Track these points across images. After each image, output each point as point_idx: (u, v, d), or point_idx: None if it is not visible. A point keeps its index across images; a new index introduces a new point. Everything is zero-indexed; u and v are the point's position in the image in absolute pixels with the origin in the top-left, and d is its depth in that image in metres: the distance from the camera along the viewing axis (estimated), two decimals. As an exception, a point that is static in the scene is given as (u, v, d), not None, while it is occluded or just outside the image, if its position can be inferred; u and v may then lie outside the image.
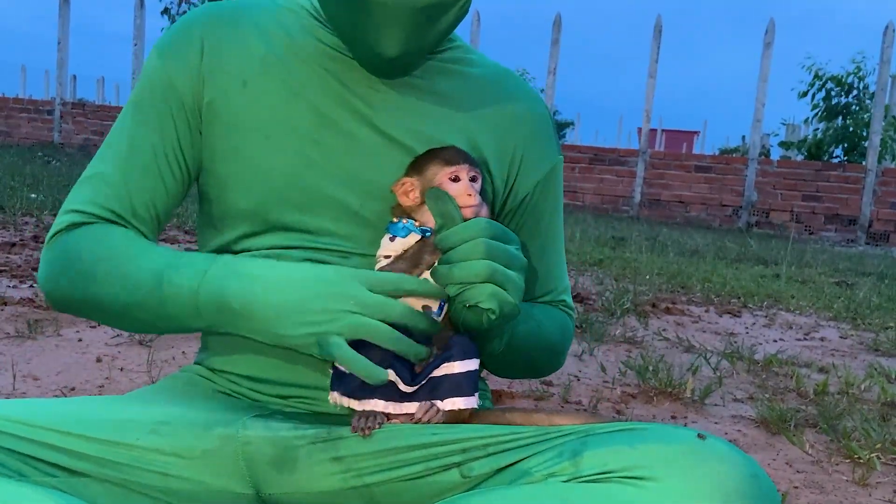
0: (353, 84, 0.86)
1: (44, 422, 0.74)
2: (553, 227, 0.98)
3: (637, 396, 1.97)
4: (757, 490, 0.63)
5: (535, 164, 0.94)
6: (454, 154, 0.81)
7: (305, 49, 0.87)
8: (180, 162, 0.88)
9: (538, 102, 0.97)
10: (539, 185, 0.95)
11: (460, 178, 0.80)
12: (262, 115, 0.85)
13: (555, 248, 1.00)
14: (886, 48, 8.79)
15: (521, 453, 0.71)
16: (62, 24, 11.36)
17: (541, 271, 0.97)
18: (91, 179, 0.88)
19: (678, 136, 21.42)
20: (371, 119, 0.86)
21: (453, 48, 0.94)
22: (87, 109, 12.31)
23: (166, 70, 0.87)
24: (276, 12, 0.90)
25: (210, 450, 0.77)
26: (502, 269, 0.74)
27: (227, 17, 0.90)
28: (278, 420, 0.80)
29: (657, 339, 2.70)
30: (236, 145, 0.86)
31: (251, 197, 0.85)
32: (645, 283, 3.87)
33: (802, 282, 4.58)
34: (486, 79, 0.94)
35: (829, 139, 10.26)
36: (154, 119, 0.87)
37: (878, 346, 2.90)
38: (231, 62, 0.87)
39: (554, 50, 9.78)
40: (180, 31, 0.89)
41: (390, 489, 0.75)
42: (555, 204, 0.98)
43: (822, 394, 2.11)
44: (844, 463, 1.60)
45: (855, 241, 8.80)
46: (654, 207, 9.67)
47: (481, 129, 0.90)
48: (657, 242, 6.13)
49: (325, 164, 0.85)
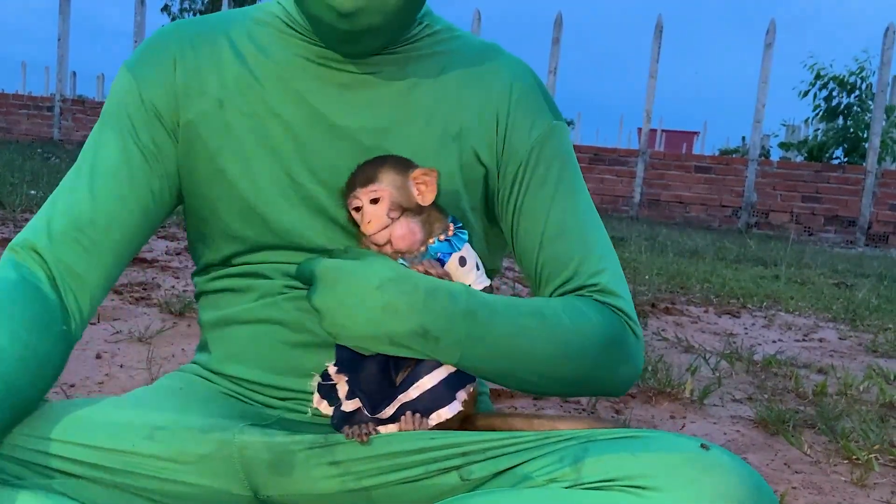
0: (329, 97, 0.84)
1: (41, 430, 0.74)
2: (566, 198, 0.86)
3: (636, 396, 1.97)
4: (760, 502, 0.63)
5: (525, 131, 0.86)
6: (354, 177, 0.78)
7: (280, 65, 0.84)
8: (154, 168, 0.84)
9: (523, 70, 0.89)
10: (534, 151, 0.86)
11: (360, 206, 0.77)
12: (241, 137, 0.84)
13: (576, 222, 0.86)
14: (886, 50, 8.78)
15: (521, 457, 0.70)
16: (62, 21, 11.34)
17: (560, 252, 0.85)
18: (57, 195, 0.84)
19: (678, 137, 21.43)
20: (350, 133, 0.83)
21: (432, 34, 0.88)
22: (87, 106, 12.29)
23: (136, 85, 0.84)
24: (250, 27, 0.87)
25: (207, 454, 0.76)
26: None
27: (199, 34, 0.87)
28: (276, 427, 0.80)
29: (656, 339, 2.70)
30: (219, 168, 0.84)
31: (240, 219, 0.85)
32: (644, 284, 3.87)
33: (801, 283, 4.58)
34: (466, 53, 0.89)
35: (830, 141, 10.26)
36: (123, 127, 0.84)
37: (877, 347, 2.90)
38: (207, 82, 0.84)
39: (555, 49, 9.78)
40: (151, 47, 0.86)
41: (389, 492, 0.75)
42: (562, 171, 0.87)
43: (821, 395, 2.11)
44: (843, 464, 1.61)
45: (854, 242, 8.80)
46: (653, 207, 9.67)
47: (463, 109, 0.86)
48: (657, 242, 6.13)
49: (307, 184, 0.83)
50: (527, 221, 0.86)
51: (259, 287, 0.85)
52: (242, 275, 0.87)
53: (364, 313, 0.71)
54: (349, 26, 0.77)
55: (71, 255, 0.81)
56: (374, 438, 0.76)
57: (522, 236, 0.87)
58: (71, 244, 0.81)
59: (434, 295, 0.72)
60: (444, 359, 0.75)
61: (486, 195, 0.88)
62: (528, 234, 0.86)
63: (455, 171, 0.85)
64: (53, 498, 0.66)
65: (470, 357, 0.74)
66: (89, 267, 0.81)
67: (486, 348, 0.75)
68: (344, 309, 0.71)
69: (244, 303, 0.86)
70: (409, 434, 0.75)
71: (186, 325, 2.25)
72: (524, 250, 0.87)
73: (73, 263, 0.81)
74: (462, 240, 0.80)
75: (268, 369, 0.85)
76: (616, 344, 0.81)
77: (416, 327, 0.71)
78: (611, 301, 0.83)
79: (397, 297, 0.71)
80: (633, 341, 0.83)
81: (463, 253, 0.79)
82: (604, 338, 0.80)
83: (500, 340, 0.75)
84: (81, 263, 0.81)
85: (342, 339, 0.73)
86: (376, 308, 0.71)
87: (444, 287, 0.74)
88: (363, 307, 0.71)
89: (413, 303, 0.71)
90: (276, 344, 0.84)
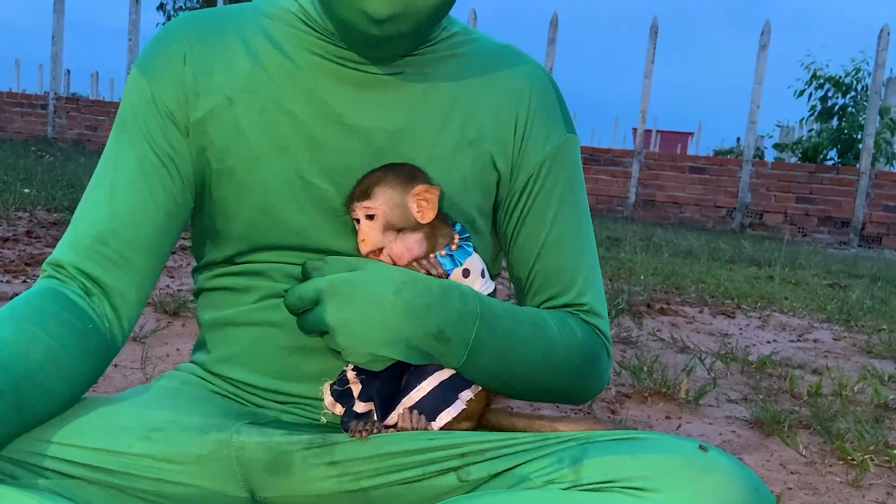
0: (344, 97, 0.82)
1: (36, 430, 0.74)
2: (569, 213, 0.88)
3: (632, 396, 1.98)
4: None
5: (540, 141, 0.87)
6: (353, 189, 0.78)
7: (294, 63, 0.82)
8: (171, 171, 0.83)
9: (541, 75, 0.90)
10: (545, 164, 0.87)
11: (358, 219, 0.77)
12: (251, 135, 0.82)
13: (574, 239, 0.88)
14: (881, 51, 8.82)
15: (519, 458, 0.70)
16: (57, 18, 11.30)
17: (554, 266, 0.87)
18: (79, 214, 0.83)
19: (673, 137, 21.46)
20: (365, 133, 0.82)
21: (450, 36, 0.88)
22: (81, 104, 12.24)
23: (149, 86, 0.83)
24: (262, 22, 0.85)
25: (204, 455, 0.76)
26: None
27: (208, 29, 0.84)
28: (273, 426, 0.80)
29: (652, 339, 2.71)
30: (227, 168, 0.83)
31: (247, 220, 0.83)
32: (639, 284, 3.87)
33: (796, 283, 4.59)
34: (484, 56, 0.88)
35: (824, 142, 10.29)
36: (138, 134, 0.82)
37: (871, 348, 2.91)
38: (216, 78, 0.82)
39: (550, 49, 9.78)
40: (160, 45, 0.84)
41: (387, 493, 0.74)
42: (568, 187, 0.88)
43: (816, 395, 2.11)
44: (838, 464, 1.61)
45: (848, 243, 8.83)
46: (648, 208, 9.69)
47: (480, 113, 0.85)
48: (652, 243, 6.14)
49: (319, 183, 0.82)
50: (527, 231, 0.88)
51: (260, 288, 0.85)
52: (244, 273, 0.86)
53: (385, 318, 0.71)
54: (380, 32, 0.75)
55: (99, 269, 0.80)
56: (373, 438, 0.75)
57: (520, 245, 0.88)
58: (98, 259, 0.80)
59: (447, 294, 0.74)
60: (449, 361, 0.75)
61: (496, 200, 0.88)
62: (527, 243, 0.88)
63: (470, 175, 0.84)
64: (49, 498, 0.65)
65: (472, 360, 0.76)
66: (120, 278, 0.81)
67: (488, 352, 0.77)
68: (364, 320, 0.71)
69: (245, 304, 0.85)
70: (407, 434, 0.75)
71: (181, 325, 2.24)
72: (519, 258, 0.89)
73: (102, 276, 0.80)
74: (467, 252, 0.79)
75: (266, 373, 0.84)
76: (593, 361, 0.87)
77: (433, 328, 0.73)
78: (594, 322, 0.88)
79: (415, 299, 0.72)
80: (606, 360, 0.90)
81: (466, 265, 0.78)
82: (585, 355, 0.85)
83: (500, 345, 0.78)
84: (111, 276, 0.80)
85: (356, 352, 0.72)
86: (397, 312, 0.71)
87: (454, 287, 0.76)
88: (384, 313, 0.71)
89: (430, 304, 0.73)
90: (276, 348, 0.84)
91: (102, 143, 11.73)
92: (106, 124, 11.93)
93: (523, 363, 0.80)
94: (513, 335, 0.79)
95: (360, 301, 0.71)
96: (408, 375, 0.76)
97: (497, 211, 0.89)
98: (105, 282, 0.80)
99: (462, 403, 0.77)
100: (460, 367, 0.77)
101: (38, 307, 0.75)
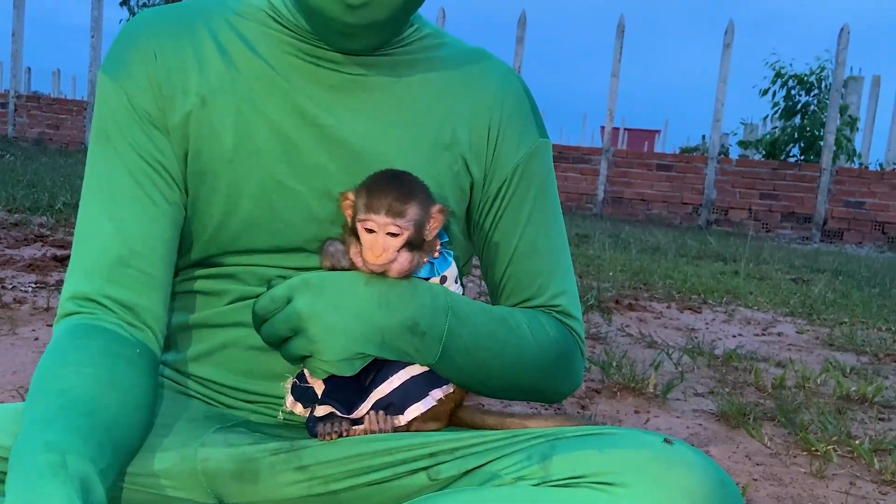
0: (318, 98, 0.81)
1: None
2: (541, 218, 0.88)
3: (601, 392, 1.99)
4: (724, 496, 0.64)
5: (513, 147, 0.87)
6: (382, 200, 0.72)
7: (268, 63, 0.81)
8: (164, 175, 0.80)
9: (514, 80, 0.89)
10: (518, 169, 0.87)
11: (375, 230, 0.72)
12: (224, 137, 0.80)
13: (547, 243, 0.88)
14: (841, 50, 9.00)
15: (489, 455, 0.71)
16: (17, 16, 11.04)
17: (527, 270, 0.87)
18: (83, 240, 0.79)
19: (640, 135, 21.71)
20: (337, 133, 0.81)
21: (422, 37, 0.87)
22: (42, 102, 11.99)
23: (123, 90, 0.80)
24: (231, 20, 0.83)
25: (166, 469, 0.75)
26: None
27: (178, 25, 0.82)
28: (239, 433, 0.79)
29: (620, 335, 2.73)
30: (200, 170, 0.81)
31: (219, 223, 0.82)
32: (608, 280, 3.91)
33: (760, 278, 4.67)
34: (456, 60, 0.87)
35: (786, 138, 10.47)
36: (123, 143, 0.79)
37: (833, 341, 2.97)
38: (190, 77, 0.80)
39: (519, 48, 9.82)
40: (127, 44, 0.81)
41: (357, 494, 0.74)
42: (541, 191, 0.88)
43: (780, 388, 2.15)
44: (802, 455, 1.64)
45: (810, 238, 9.01)
46: (616, 205, 9.78)
47: (454, 119, 0.85)
48: (620, 240, 6.20)
49: (293, 185, 0.81)
50: (501, 235, 0.88)
51: (232, 291, 0.84)
52: (216, 276, 0.85)
53: (359, 308, 0.71)
54: (354, 19, 0.74)
55: (128, 293, 0.77)
56: (341, 440, 0.75)
57: (493, 249, 0.88)
58: (124, 281, 0.77)
59: (418, 287, 0.75)
60: (424, 357, 0.75)
61: (469, 204, 0.88)
62: (500, 247, 0.88)
63: (444, 179, 0.84)
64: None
65: (445, 354, 0.76)
66: (148, 295, 0.78)
67: (461, 346, 0.77)
68: (339, 310, 0.70)
69: (216, 307, 0.84)
70: (376, 435, 0.75)
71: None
72: (492, 262, 0.89)
73: (131, 298, 0.77)
74: (447, 261, 0.79)
75: (237, 372, 0.84)
76: (566, 360, 0.87)
77: (407, 320, 0.73)
78: (568, 322, 0.88)
79: (387, 290, 0.73)
80: (579, 360, 0.90)
81: (445, 273, 0.78)
82: (557, 353, 0.85)
83: (472, 340, 0.78)
84: (139, 296, 0.78)
85: (332, 345, 0.70)
86: (372, 302, 0.71)
87: (422, 282, 0.76)
88: (358, 302, 0.71)
89: (402, 294, 0.73)
90: (246, 348, 0.83)
91: (64, 141, 11.52)
92: (67, 122, 11.70)
93: (496, 358, 0.80)
94: (485, 329, 0.78)
95: (332, 292, 0.71)
96: (374, 373, 0.76)
97: (470, 215, 0.89)
98: (136, 302, 0.77)
99: (432, 400, 0.77)
100: (435, 364, 0.76)
101: (84, 348, 0.72)
